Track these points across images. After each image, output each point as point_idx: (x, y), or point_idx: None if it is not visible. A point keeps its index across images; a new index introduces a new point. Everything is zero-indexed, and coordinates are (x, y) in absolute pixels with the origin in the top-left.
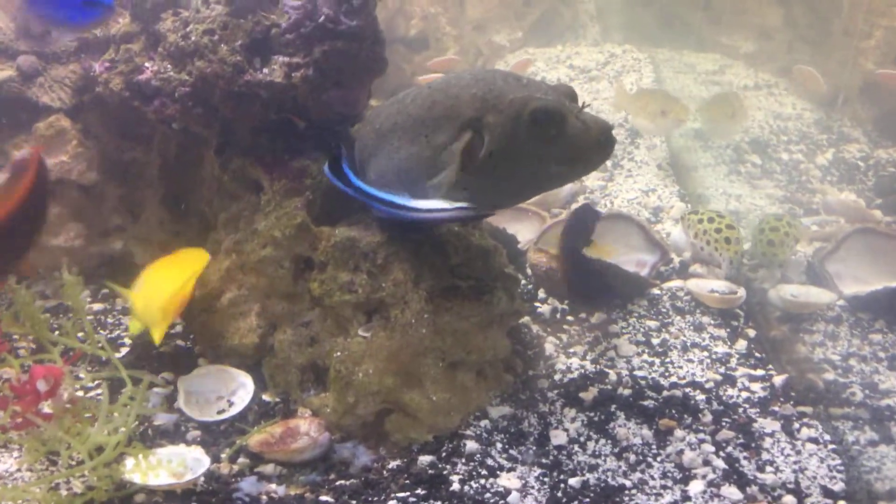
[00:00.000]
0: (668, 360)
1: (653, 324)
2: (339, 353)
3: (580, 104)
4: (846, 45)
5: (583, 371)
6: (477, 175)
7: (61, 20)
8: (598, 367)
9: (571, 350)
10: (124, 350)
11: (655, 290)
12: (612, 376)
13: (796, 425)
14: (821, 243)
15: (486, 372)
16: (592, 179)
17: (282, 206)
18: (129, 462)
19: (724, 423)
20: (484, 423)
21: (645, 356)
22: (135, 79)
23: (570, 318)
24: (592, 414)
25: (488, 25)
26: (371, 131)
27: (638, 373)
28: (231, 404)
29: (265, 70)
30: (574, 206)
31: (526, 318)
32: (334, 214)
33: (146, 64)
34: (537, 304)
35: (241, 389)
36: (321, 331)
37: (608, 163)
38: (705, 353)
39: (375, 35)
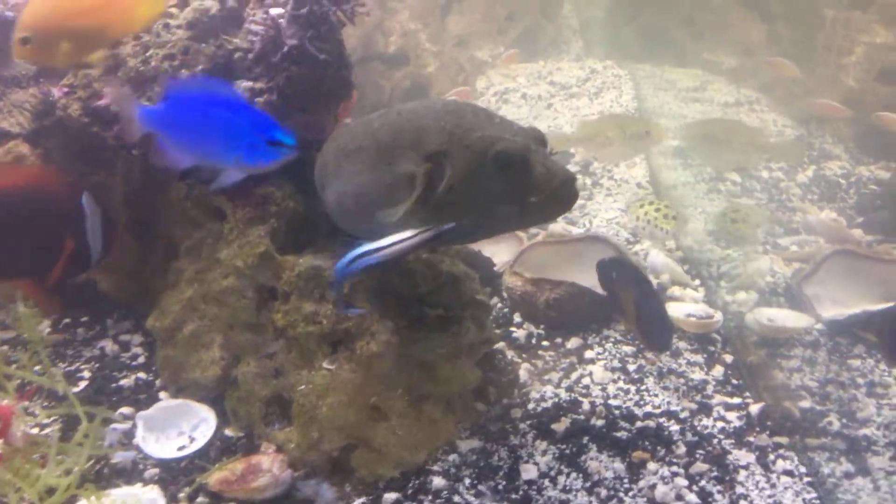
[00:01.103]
0: (643, 387)
1: (629, 349)
2: (303, 387)
3: (549, 149)
4: (828, 61)
5: (556, 400)
6: (433, 209)
7: (232, 160)
8: (572, 395)
9: (546, 377)
10: (83, 384)
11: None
12: (586, 405)
13: (771, 457)
14: (800, 264)
15: (455, 404)
16: None
17: (245, 235)
18: None
19: (698, 456)
20: (452, 457)
21: (620, 383)
22: (93, 104)
23: (545, 343)
24: (564, 446)
25: (470, 41)
26: (335, 149)
27: (612, 402)
28: (192, 440)
29: None
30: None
31: (501, 344)
32: (301, 242)
33: (106, 89)
34: (513, 328)
35: (202, 424)
36: (286, 362)
37: (588, 181)
38: (681, 381)
39: (341, 59)
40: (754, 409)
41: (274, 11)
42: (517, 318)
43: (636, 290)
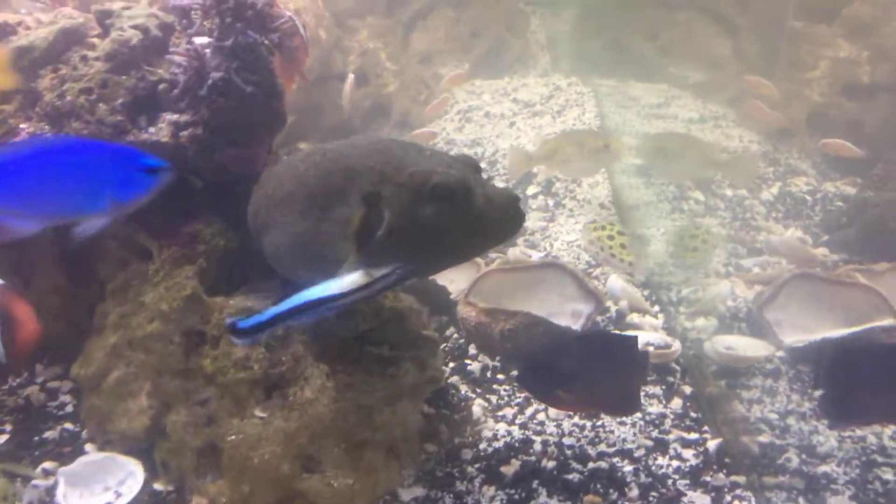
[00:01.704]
0: (599, 422)
1: None
2: (233, 437)
3: (484, 176)
4: (792, 76)
5: (509, 439)
6: (377, 254)
7: (101, 203)
8: (525, 433)
9: (500, 413)
10: (3, 437)
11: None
12: (538, 445)
13: (728, 498)
14: (762, 287)
15: (399, 449)
16: (534, 221)
17: (171, 276)
18: None
19: (651, 499)
20: None
21: (576, 418)
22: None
23: (500, 376)
24: (513, 491)
25: (434, 58)
26: (264, 197)
27: (566, 440)
28: (119, 496)
29: (151, 129)
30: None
31: (454, 378)
32: (234, 281)
33: (22, 125)
34: (468, 360)
35: (129, 479)
36: (219, 409)
37: (550, 202)
38: (639, 415)
39: (271, 89)
40: (712, 445)
41: (199, 41)
42: (472, 349)
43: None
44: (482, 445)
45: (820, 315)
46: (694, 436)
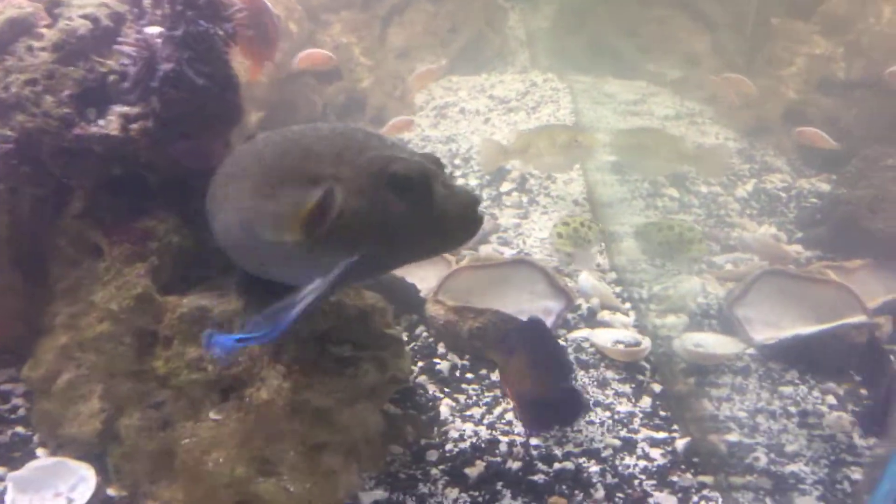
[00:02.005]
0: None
1: None
2: (187, 440)
3: (447, 173)
4: (769, 72)
5: (475, 439)
6: (326, 241)
7: None
8: (492, 433)
9: (468, 413)
10: None
11: (560, 342)
12: (504, 446)
13: (695, 498)
14: (734, 284)
15: (361, 451)
16: (507, 217)
17: (122, 275)
18: None
19: (617, 500)
20: None
21: None
22: None
23: (469, 375)
24: (477, 493)
25: (411, 53)
26: (223, 176)
27: (533, 440)
28: (70, 501)
29: (101, 122)
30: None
31: (422, 378)
32: (191, 279)
33: None
34: (437, 359)
35: (81, 484)
36: (175, 412)
37: (524, 199)
38: (607, 414)
39: (227, 81)
40: (680, 444)
41: (150, 31)
42: (441, 348)
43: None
44: (448, 446)
45: (791, 312)
46: (662, 435)
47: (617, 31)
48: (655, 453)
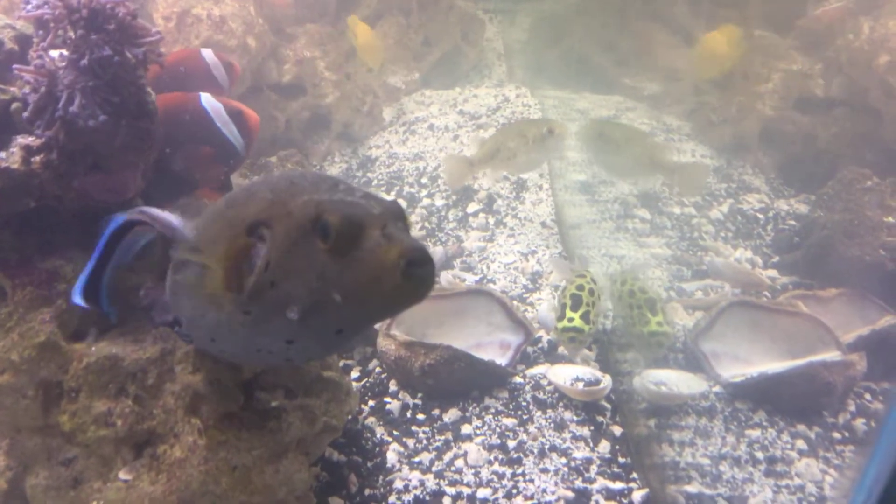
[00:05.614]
0: (520, 470)
1: (510, 422)
2: (94, 503)
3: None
4: (745, 89)
5: (421, 491)
6: (262, 298)
7: None
8: (439, 483)
9: (417, 459)
10: None
11: (518, 379)
12: (448, 500)
13: None
14: (702, 313)
15: None
16: (473, 241)
17: (25, 321)
18: None
19: None
20: None
21: (496, 465)
22: None
23: (420, 416)
24: None
25: (383, 66)
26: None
27: (481, 492)
28: None
29: (2, 154)
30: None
31: (371, 420)
32: (106, 324)
33: None
34: (387, 398)
35: None
36: (85, 469)
37: (490, 220)
38: (563, 460)
39: (139, 108)
40: (637, 496)
41: (53, 55)
42: (393, 386)
43: None
44: (391, 499)
45: (761, 346)
46: (619, 485)
47: (594, 45)
48: None
